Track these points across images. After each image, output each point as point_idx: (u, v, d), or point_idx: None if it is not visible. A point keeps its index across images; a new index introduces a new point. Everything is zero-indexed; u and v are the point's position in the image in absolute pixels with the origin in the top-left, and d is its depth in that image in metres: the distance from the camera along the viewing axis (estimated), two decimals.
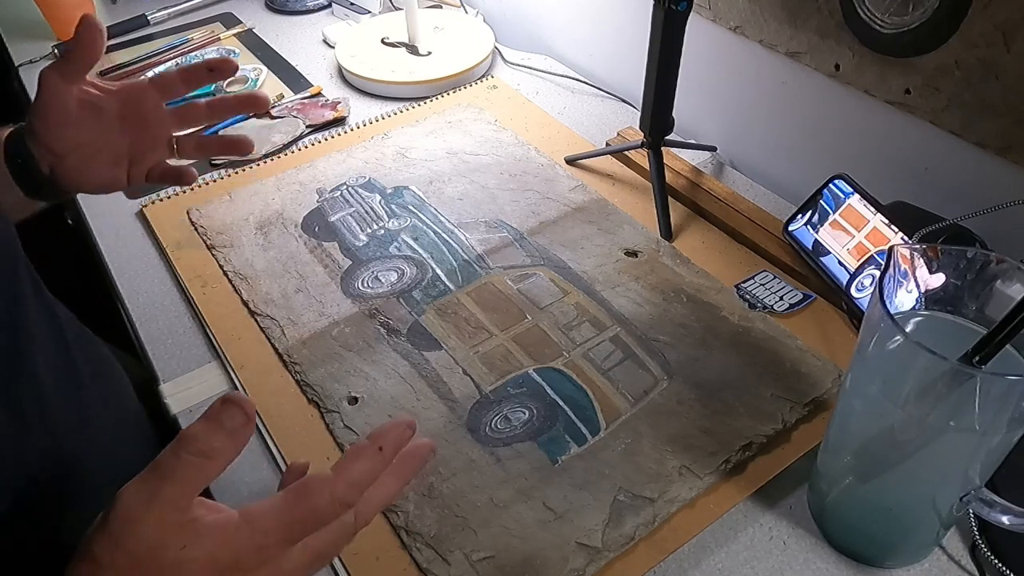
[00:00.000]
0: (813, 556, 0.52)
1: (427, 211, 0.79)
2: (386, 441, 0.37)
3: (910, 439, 0.43)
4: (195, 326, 0.69)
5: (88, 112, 0.56)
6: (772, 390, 0.60)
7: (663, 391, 0.60)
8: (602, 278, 0.70)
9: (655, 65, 0.72)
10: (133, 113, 0.57)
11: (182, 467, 0.32)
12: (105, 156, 0.58)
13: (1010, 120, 0.61)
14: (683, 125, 0.88)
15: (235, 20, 1.18)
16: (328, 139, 0.91)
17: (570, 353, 0.63)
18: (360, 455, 0.36)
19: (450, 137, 0.90)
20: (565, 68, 1.03)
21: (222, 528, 0.33)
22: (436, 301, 0.69)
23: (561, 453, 0.56)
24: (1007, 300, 0.43)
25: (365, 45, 1.05)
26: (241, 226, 0.78)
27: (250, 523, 0.34)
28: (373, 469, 0.36)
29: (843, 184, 0.69)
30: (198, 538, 0.33)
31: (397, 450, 0.37)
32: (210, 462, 0.33)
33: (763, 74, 0.81)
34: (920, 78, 0.65)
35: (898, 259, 0.44)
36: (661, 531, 0.52)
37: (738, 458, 0.55)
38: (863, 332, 0.44)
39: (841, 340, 0.65)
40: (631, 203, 0.80)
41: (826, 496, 0.52)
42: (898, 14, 0.64)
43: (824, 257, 0.68)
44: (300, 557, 0.35)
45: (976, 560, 0.51)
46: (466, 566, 0.50)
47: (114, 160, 0.58)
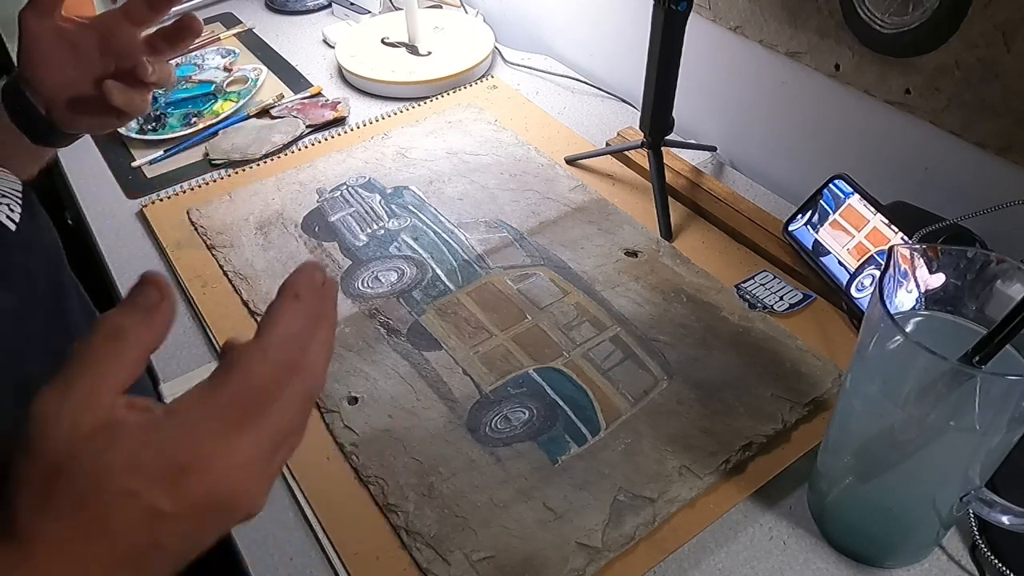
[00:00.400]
0: (813, 556, 0.52)
1: (427, 211, 0.79)
2: (300, 287, 0.31)
3: (910, 439, 0.43)
4: (195, 326, 0.69)
5: (67, 48, 0.56)
6: (772, 390, 0.60)
7: (663, 391, 0.60)
8: (602, 278, 0.70)
9: (655, 65, 0.72)
10: (109, 43, 0.58)
11: (95, 353, 0.28)
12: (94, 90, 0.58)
13: (1010, 120, 0.61)
14: (683, 125, 0.88)
15: (235, 20, 1.18)
16: (328, 139, 0.91)
17: (570, 353, 0.63)
18: (279, 310, 0.30)
19: (450, 137, 0.90)
20: (565, 68, 1.03)
21: (147, 424, 0.28)
22: (436, 301, 0.69)
23: (561, 453, 0.56)
24: (1007, 300, 0.43)
25: (365, 45, 1.05)
26: (241, 226, 0.78)
27: (176, 415, 0.28)
28: (299, 319, 0.31)
29: (843, 184, 0.69)
30: (119, 438, 0.27)
31: (315, 294, 0.31)
32: (122, 344, 0.28)
33: (763, 74, 0.81)
34: (920, 78, 0.65)
35: (898, 259, 0.44)
36: (661, 531, 0.52)
37: (738, 458, 0.55)
38: (863, 332, 0.44)
39: (841, 340, 0.65)
40: (631, 203, 0.80)
41: (826, 496, 0.52)
42: (898, 14, 0.64)
43: (824, 257, 0.68)
44: (255, 445, 0.29)
45: (976, 560, 0.51)
46: (466, 566, 0.50)
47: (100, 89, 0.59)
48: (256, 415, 0.29)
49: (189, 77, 1.03)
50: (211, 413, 0.29)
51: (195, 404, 0.29)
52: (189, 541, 0.29)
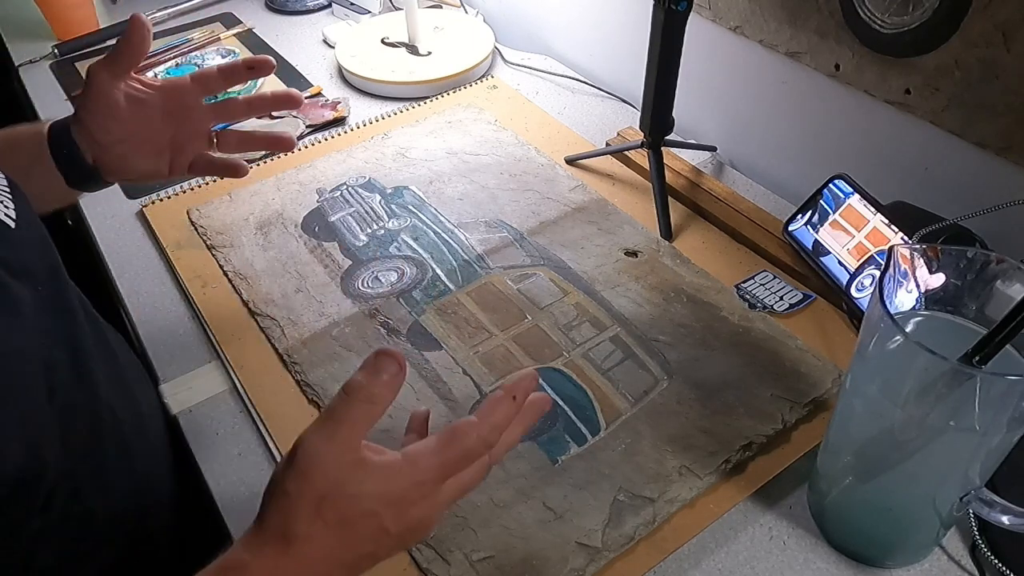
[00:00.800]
0: (813, 556, 0.52)
1: (427, 211, 0.79)
2: (518, 391, 0.41)
3: (910, 439, 0.43)
4: (195, 326, 0.69)
5: (132, 105, 0.58)
6: (772, 390, 0.60)
7: (663, 391, 0.60)
8: (602, 278, 0.70)
9: (655, 65, 0.72)
10: (174, 107, 0.60)
11: (352, 411, 0.37)
12: (148, 147, 0.61)
13: (1010, 120, 0.61)
14: (683, 125, 0.88)
15: (235, 20, 1.18)
16: (328, 139, 0.91)
17: (570, 353, 0.63)
18: (499, 403, 0.41)
19: (450, 137, 0.90)
20: (565, 68, 1.03)
21: (390, 466, 0.38)
22: (436, 301, 0.69)
23: (561, 453, 0.56)
24: (1007, 300, 0.43)
25: (365, 45, 1.05)
26: (241, 226, 0.78)
27: (412, 463, 0.39)
28: (508, 415, 0.41)
29: (843, 184, 0.69)
30: (371, 475, 0.38)
31: (526, 397, 0.42)
32: (373, 407, 0.38)
33: (763, 74, 0.81)
34: (920, 78, 0.65)
35: (898, 259, 0.44)
36: (661, 531, 0.52)
37: (738, 458, 0.55)
38: (863, 332, 0.44)
39: (841, 340, 0.65)
40: (631, 203, 0.80)
41: (826, 496, 0.52)
42: (898, 14, 0.64)
43: (824, 257, 0.68)
44: (451, 491, 0.40)
45: (976, 560, 0.51)
46: (466, 566, 0.50)
47: (156, 151, 0.61)
48: (458, 471, 0.40)
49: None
50: (435, 465, 0.39)
51: (426, 456, 0.39)
52: (392, 552, 0.40)
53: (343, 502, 0.37)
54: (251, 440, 0.60)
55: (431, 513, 0.40)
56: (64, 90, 1.02)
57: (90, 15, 1.15)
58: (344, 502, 0.37)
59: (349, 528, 0.37)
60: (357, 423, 0.38)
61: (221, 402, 0.63)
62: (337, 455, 0.37)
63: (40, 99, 1.02)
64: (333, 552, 0.37)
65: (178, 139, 0.62)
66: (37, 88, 1.04)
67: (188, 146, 0.62)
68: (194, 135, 0.62)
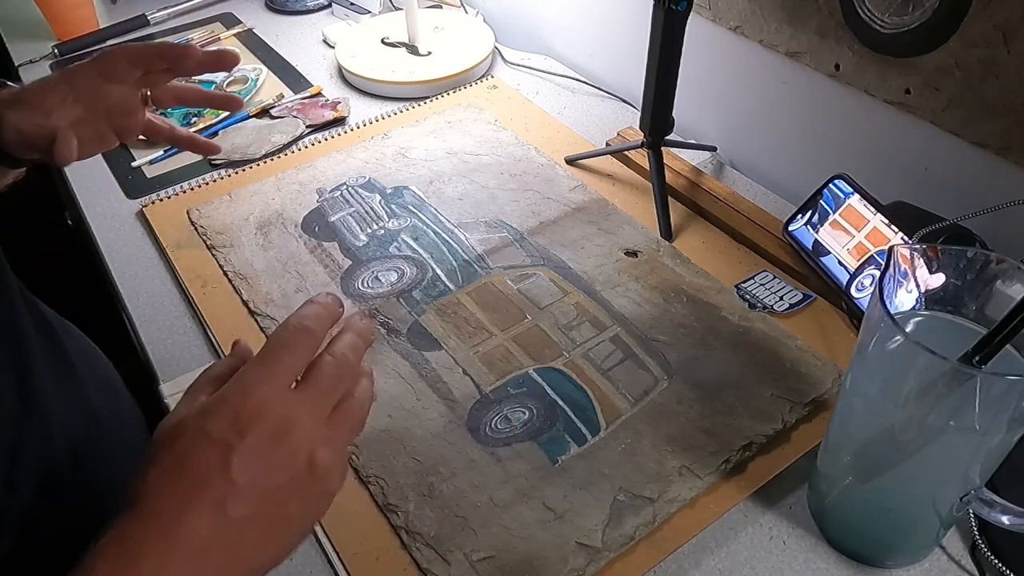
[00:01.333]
0: (813, 556, 0.52)
1: (427, 211, 0.79)
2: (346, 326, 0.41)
3: (910, 439, 0.43)
4: (195, 326, 0.69)
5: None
6: (772, 390, 0.60)
7: (663, 391, 0.60)
8: (602, 278, 0.70)
9: (655, 65, 0.72)
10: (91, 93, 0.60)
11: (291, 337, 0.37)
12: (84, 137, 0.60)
13: (1010, 120, 0.61)
14: (683, 125, 0.88)
15: (235, 20, 1.18)
16: (328, 139, 0.91)
17: (570, 353, 0.63)
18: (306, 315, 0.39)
19: (450, 137, 0.90)
20: (565, 68, 1.03)
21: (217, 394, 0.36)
22: (436, 301, 0.69)
23: (561, 453, 0.56)
24: (1007, 300, 0.43)
25: (365, 45, 1.05)
26: (241, 226, 0.78)
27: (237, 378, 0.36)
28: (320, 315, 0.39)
29: (843, 184, 0.69)
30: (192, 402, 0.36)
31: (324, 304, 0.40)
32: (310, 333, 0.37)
33: (763, 74, 0.81)
34: (920, 78, 0.65)
35: (898, 259, 0.44)
36: (661, 531, 0.52)
37: (738, 458, 0.55)
38: (863, 332, 0.44)
39: (841, 340, 0.65)
40: (631, 203, 0.80)
41: (826, 496, 0.52)
42: (898, 14, 0.64)
43: (824, 257, 0.68)
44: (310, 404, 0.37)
45: (976, 560, 0.51)
46: (466, 566, 0.50)
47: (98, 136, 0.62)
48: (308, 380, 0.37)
49: (189, 77, 1.03)
50: (266, 375, 0.36)
51: (250, 368, 0.36)
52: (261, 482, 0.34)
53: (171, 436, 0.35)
54: None
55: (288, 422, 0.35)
56: None
57: (90, 15, 1.15)
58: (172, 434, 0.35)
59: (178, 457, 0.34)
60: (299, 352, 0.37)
61: None
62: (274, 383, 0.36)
63: None
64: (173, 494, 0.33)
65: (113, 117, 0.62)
66: None
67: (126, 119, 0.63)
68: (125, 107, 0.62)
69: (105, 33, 1.14)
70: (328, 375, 0.38)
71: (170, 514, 0.33)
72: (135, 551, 0.32)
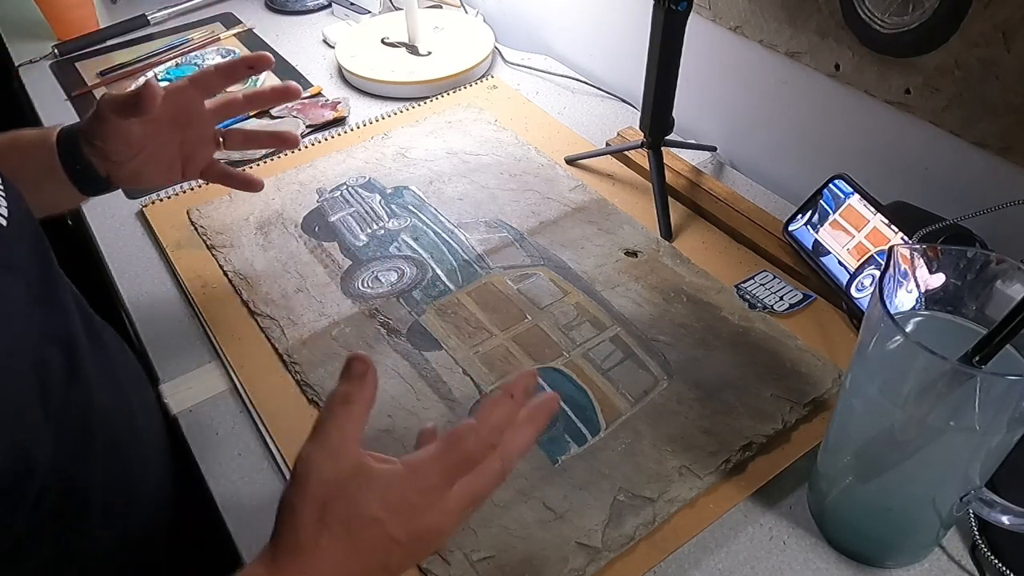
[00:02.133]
0: (813, 556, 0.52)
1: (427, 211, 0.79)
2: (516, 389, 0.41)
3: (910, 439, 0.43)
4: (195, 326, 0.69)
5: (141, 127, 0.59)
6: (772, 390, 0.60)
7: (663, 391, 0.60)
8: (602, 278, 0.70)
9: (655, 65, 0.72)
10: (178, 114, 0.61)
11: (335, 415, 0.38)
12: (160, 159, 0.62)
13: (1010, 120, 0.61)
14: (683, 125, 0.88)
15: (235, 20, 1.18)
16: (328, 139, 0.91)
17: (570, 353, 0.63)
18: (498, 403, 0.41)
19: (450, 137, 0.90)
20: (565, 68, 1.03)
21: (391, 472, 0.39)
22: (436, 301, 0.69)
23: (561, 453, 0.56)
24: (1007, 300, 0.43)
25: (365, 45, 1.05)
26: (241, 226, 0.78)
27: (413, 469, 0.39)
28: (508, 413, 0.41)
29: (843, 184, 0.69)
30: (372, 480, 0.38)
31: (526, 395, 0.42)
32: (351, 406, 0.39)
33: (763, 74, 0.81)
34: (920, 78, 0.65)
35: (898, 259, 0.44)
36: (661, 531, 0.52)
37: (738, 458, 0.55)
38: (863, 332, 0.44)
39: (841, 340, 0.65)
40: (631, 203, 0.80)
41: (826, 496, 0.52)
42: (898, 14, 0.64)
43: (824, 257, 0.68)
44: (460, 497, 0.40)
45: (976, 560, 0.51)
46: (466, 566, 0.50)
47: (168, 161, 0.63)
48: (460, 475, 0.40)
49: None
50: (437, 471, 0.39)
51: (427, 462, 0.39)
52: (405, 565, 0.39)
53: (344, 505, 0.37)
54: (251, 440, 0.60)
55: (441, 520, 0.39)
56: (64, 90, 1.02)
57: (90, 15, 1.15)
58: (345, 505, 0.37)
59: (355, 535, 0.37)
60: (344, 426, 0.38)
61: (221, 402, 0.63)
62: (333, 460, 0.38)
63: (40, 99, 1.01)
64: (343, 562, 0.37)
65: (186, 145, 0.63)
66: (37, 88, 1.04)
67: (197, 151, 0.64)
68: (201, 138, 0.63)
69: (105, 33, 1.14)
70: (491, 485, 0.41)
71: None
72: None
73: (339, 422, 0.39)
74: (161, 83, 0.62)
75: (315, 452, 0.38)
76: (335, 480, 0.38)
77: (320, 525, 0.37)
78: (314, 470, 0.38)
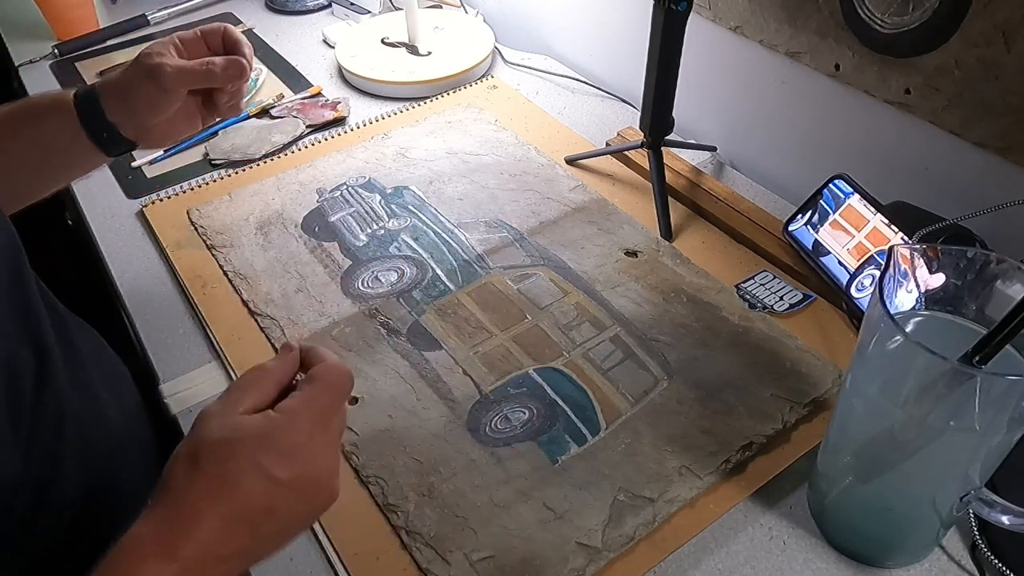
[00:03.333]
0: (813, 556, 0.52)
1: (427, 211, 0.79)
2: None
3: (910, 439, 0.43)
4: (195, 326, 0.69)
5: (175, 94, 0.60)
6: (772, 390, 0.60)
7: (663, 391, 0.60)
8: (602, 278, 0.70)
9: (655, 65, 0.72)
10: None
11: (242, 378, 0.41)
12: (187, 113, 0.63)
13: (1010, 120, 0.61)
14: (683, 125, 0.88)
15: (235, 20, 1.18)
16: (328, 139, 0.91)
17: (570, 353, 0.63)
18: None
19: (450, 137, 0.90)
20: (565, 68, 1.03)
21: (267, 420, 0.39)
22: (436, 301, 0.69)
23: (561, 453, 0.56)
24: (1007, 300, 0.43)
25: (365, 45, 1.05)
26: (241, 226, 0.78)
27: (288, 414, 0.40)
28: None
29: (843, 184, 0.69)
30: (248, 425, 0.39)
31: None
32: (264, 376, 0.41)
33: (763, 74, 0.81)
34: (920, 78, 0.65)
35: (898, 259, 0.44)
36: (661, 531, 0.52)
37: (738, 458, 0.55)
38: (863, 332, 0.44)
39: (841, 340, 0.65)
40: (631, 203, 0.80)
41: (826, 496, 0.52)
42: (898, 14, 0.64)
43: (824, 257, 0.68)
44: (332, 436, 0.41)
45: (976, 560, 0.51)
46: (466, 566, 0.50)
47: (191, 115, 0.64)
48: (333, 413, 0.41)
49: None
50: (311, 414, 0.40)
51: (301, 407, 0.40)
52: (292, 512, 0.39)
53: (219, 449, 0.38)
54: None
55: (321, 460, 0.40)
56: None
57: (90, 15, 1.15)
58: (220, 449, 0.38)
59: (231, 477, 0.37)
60: (245, 387, 0.41)
61: None
62: (220, 414, 0.39)
63: None
64: (217, 501, 0.37)
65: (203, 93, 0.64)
66: (37, 88, 1.04)
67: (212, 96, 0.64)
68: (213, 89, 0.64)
69: (105, 33, 1.14)
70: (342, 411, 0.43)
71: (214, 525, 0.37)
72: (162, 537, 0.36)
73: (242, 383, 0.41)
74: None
75: (211, 407, 0.40)
76: (215, 428, 0.38)
77: (193, 466, 0.37)
78: (203, 420, 0.39)
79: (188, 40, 0.62)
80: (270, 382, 0.41)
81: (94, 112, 0.59)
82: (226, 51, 0.63)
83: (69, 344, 0.55)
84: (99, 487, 0.53)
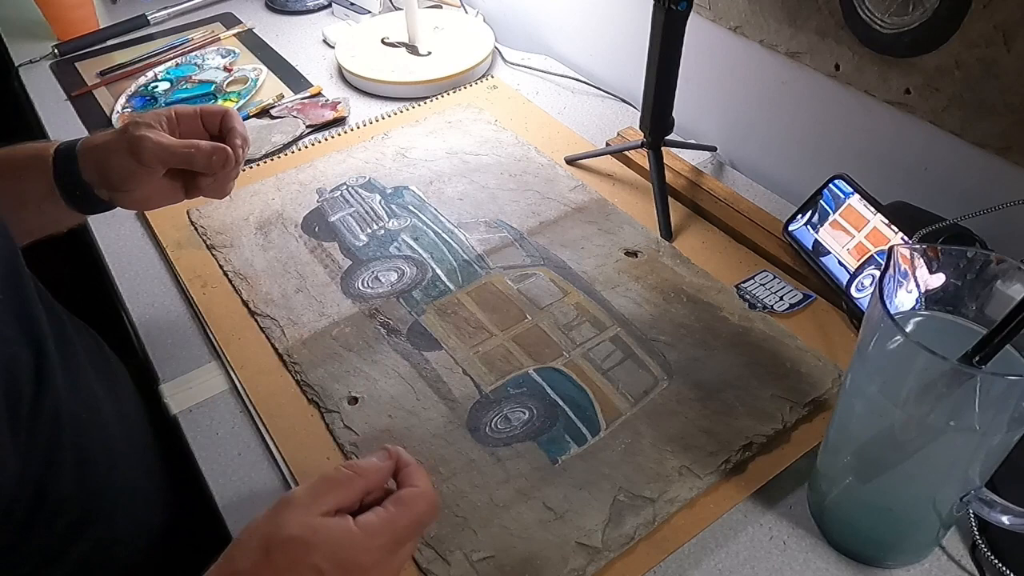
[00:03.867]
0: (813, 556, 0.52)
1: (427, 211, 0.79)
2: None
3: (910, 439, 0.43)
4: (195, 326, 0.69)
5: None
6: (772, 390, 0.60)
7: (663, 391, 0.60)
8: (602, 278, 0.70)
9: (655, 65, 0.72)
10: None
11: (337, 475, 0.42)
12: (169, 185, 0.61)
13: (1010, 120, 0.61)
14: (683, 125, 0.88)
15: (235, 20, 1.18)
16: (328, 139, 0.91)
17: (570, 353, 0.63)
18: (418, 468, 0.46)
19: (450, 137, 0.90)
20: (565, 68, 1.03)
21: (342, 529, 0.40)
22: (436, 301, 0.69)
23: (561, 453, 0.56)
24: (1007, 300, 0.43)
25: (365, 45, 1.05)
26: (241, 226, 0.78)
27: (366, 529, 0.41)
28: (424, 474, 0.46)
29: (843, 184, 0.69)
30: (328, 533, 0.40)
31: None
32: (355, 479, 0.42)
33: (763, 74, 0.81)
34: (920, 78, 0.65)
35: (898, 259, 0.44)
36: (661, 531, 0.52)
37: (738, 458, 0.55)
38: (863, 332, 0.44)
39: (841, 340, 0.65)
40: (631, 203, 0.80)
41: (826, 496, 0.52)
42: (898, 14, 0.64)
43: (824, 257, 0.68)
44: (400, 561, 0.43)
45: (976, 560, 0.51)
46: (466, 566, 0.50)
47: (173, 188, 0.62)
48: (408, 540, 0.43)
49: (189, 77, 1.03)
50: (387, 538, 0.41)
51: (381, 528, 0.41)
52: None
53: (292, 548, 0.39)
54: (251, 440, 0.60)
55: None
56: (64, 90, 1.02)
57: (90, 15, 1.15)
58: (294, 548, 0.39)
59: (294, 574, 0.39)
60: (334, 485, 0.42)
61: (221, 402, 0.63)
62: (305, 508, 0.40)
63: (40, 99, 1.01)
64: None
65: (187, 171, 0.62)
66: (37, 88, 1.04)
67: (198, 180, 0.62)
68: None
69: (105, 33, 1.14)
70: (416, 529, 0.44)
71: None
72: None
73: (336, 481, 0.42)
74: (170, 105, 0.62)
75: (298, 493, 0.41)
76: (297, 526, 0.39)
77: (263, 556, 0.39)
78: (283, 508, 0.40)
79: (184, 116, 0.61)
80: (358, 489, 0.42)
81: (70, 170, 0.58)
82: (221, 135, 0.61)
83: (67, 345, 0.54)
84: (97, 488, 0.53)
